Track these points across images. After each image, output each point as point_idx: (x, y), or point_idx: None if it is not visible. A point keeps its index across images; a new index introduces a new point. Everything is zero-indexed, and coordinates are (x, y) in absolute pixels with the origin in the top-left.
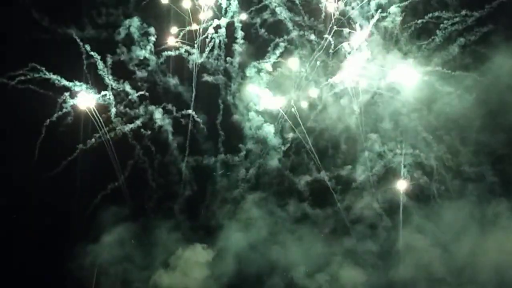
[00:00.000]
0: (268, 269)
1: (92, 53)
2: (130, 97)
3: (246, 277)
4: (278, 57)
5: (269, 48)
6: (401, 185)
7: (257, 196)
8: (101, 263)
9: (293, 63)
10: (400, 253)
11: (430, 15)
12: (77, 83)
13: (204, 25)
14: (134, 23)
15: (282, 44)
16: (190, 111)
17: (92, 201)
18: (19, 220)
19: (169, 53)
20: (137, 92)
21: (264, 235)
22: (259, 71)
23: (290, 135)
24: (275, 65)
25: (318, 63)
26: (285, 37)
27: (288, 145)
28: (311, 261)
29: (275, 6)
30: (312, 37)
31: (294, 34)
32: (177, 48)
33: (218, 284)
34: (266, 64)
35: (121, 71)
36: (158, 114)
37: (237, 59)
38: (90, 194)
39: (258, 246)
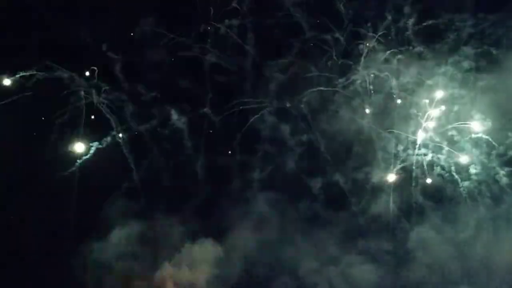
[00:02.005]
0: (278, 268)
1: (108, 53)
2: (144, 96)
3: (255, 276)
4: (293, 57)
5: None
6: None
7: (269, 196)
8: (105, 260)
9: None
10: (415, 253)
11: (444, 17)
12: (92, 82)
13: (217, 25)
14: (149, 23)
15: (296, 45)
16: (205, 110)
17: (105, 199)
18: (29, 219)
19: (183, 53)
20: (151, 92)
21: (275, 235)
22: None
23: (304, 136)
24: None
25: (329, 63)
26: (301, 37)
27: (304, 146)
28: (322, 260)
29: (290, 7)
30: (327, 37)
31: (309, 34)
32: (190, 48)
33: (225, 282)
34: None
35: (135, 71)
36: (173, 114)
37: (250, 59)
38: (104, 193)
39: (269, 246)
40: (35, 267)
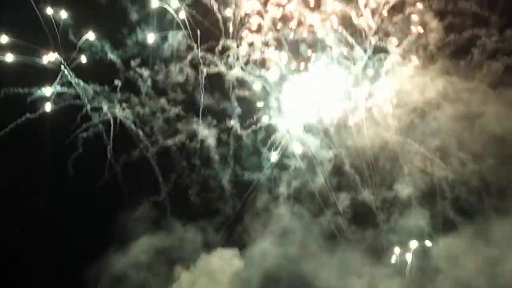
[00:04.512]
0: (299, 284)
1: (137, 69)
2: (170, 111)
3: None
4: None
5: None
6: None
7: (294, 210)
8: (125, 272)
9: None
10: (444, 269)
11: (470, 32)
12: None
13: (239, 40)
14: (173, 39)
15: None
16: (231, 125)
17: (132, 212)
18: (52, 232)
19: (208, 68)
20: (176, 107)
21: (298, 250)
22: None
23: (330, 152)
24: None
25: (353, 77)
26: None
27: (331, 160)
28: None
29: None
30: (350, 51)
31: (332, 48)
32: (215, 64)
33: None
34: None
35: (160, 86)
36: (200, 129)
37: (273, 74)
38: (131, 206)
39: (291, 261)
40: (54, 276)
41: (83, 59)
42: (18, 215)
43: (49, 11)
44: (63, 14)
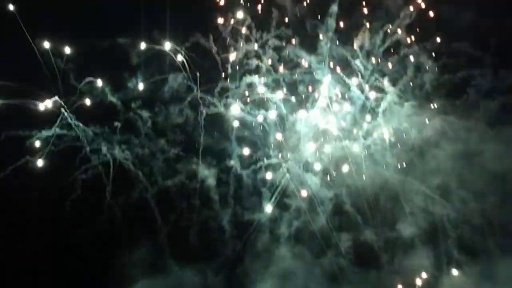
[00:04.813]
0: None
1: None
2: (170, 152)
3: None
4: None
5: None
6: None
7: (295, 251)
8: None
9: None
10: None
11: (464, 72)
12: (119, 136)
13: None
14: (173, 81)
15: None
16: (231, 165)
17: (129, 254)
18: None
19: (207, 109)
20: (175, 148)
21: None
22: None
23: (331, 192)
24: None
25: (350, 116)
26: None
27: (331, 200)
28: None
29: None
30: (347, 91)
31: (332, 90)
32: (215, 105)
33: None
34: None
35: (160, 126)
36: (200, 169)
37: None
38: (129, 248)
39: None
40: None
41: (87, 102)
42: (15, 257)
43: (46, 45)
44: (65, 51)
